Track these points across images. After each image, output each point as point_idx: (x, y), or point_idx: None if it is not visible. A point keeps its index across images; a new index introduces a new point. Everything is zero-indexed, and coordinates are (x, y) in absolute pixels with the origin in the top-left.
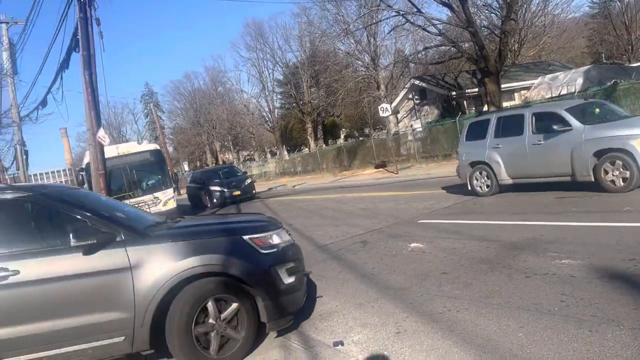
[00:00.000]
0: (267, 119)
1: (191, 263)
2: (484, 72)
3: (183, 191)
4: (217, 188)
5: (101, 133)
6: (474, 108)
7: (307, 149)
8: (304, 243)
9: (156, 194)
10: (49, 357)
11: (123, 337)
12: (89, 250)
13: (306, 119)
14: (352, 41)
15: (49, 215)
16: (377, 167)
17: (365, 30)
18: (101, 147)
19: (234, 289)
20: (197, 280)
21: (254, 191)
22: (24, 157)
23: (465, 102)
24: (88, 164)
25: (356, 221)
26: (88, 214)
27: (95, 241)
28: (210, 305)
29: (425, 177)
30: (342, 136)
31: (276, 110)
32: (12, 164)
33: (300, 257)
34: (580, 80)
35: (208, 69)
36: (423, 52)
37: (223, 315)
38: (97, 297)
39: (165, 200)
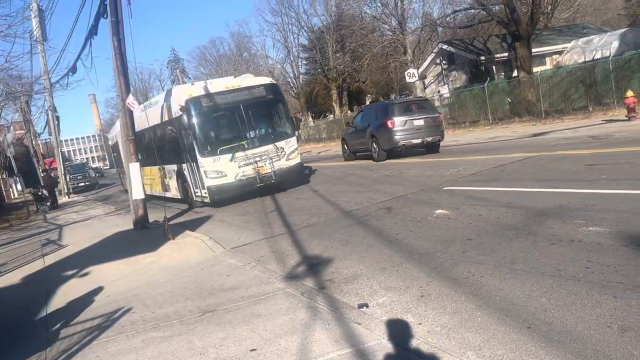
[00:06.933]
0: (292, 85)
1: None
2: (514, 36)
3: None
4: None
5: (130, 99)
6: (503, 73)
7: (332, 116)
8: (329, 209)
9: (278, 144)
10: None
11: None
12: None
13: (331, 84)
14: (379, 4)
15: None
16: None
17: None
18: (130, 113)
19: None
20: None
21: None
22: (56, 122)
23: (494, 67)
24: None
25: (381, 187)
26: None
27: None
28: None
29: (452, 145)
30: (367, 102)
31: (301, 76)
32: (44, 129)
33: None
34: (615, 44)
35: (233, 34)
36: (452, 16)
37: None
38: None
39: (289, 152)
